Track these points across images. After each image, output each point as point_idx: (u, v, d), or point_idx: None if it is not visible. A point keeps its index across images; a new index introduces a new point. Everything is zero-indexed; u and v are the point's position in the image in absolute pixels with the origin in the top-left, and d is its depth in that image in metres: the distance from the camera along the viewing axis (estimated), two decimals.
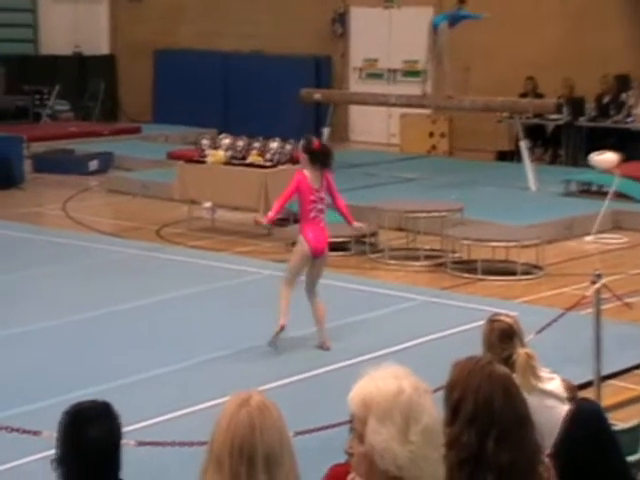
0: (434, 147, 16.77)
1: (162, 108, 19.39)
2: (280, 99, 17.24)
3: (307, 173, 7.21)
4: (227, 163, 11.36)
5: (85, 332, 7.56)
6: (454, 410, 2.51)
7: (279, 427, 2.23)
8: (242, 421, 2.19)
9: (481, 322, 4.34)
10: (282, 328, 7.05)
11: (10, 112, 18.35)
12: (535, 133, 15.20)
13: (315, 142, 7.43)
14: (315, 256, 7.20)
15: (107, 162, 15.27)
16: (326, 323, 7.25)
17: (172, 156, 14.13)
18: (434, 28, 13.43)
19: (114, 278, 9.26)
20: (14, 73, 18.83)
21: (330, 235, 10.50)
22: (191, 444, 4.23)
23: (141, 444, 3.66)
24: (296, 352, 7.14)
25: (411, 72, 17.48)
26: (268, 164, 11.21)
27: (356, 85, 18.12)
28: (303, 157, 7.31)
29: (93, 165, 15.12)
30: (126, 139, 17.31)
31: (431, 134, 16.78)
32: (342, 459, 2.64)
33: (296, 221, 11.33)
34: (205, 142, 11.64)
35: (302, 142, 7.46)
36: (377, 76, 18.20)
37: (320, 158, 7.23)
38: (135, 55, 19.84)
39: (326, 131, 14.26)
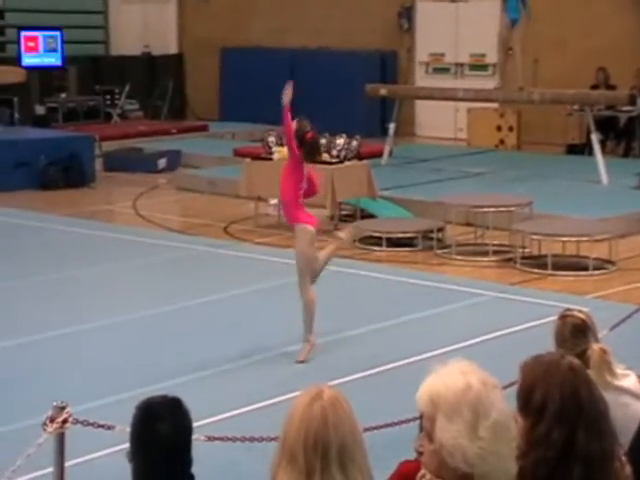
0: (502, 141, 16.59)
1: (229, 106, 19.54)
2: (346, 95, 17.24)
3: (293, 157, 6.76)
4: None
5: (156, 328, 7.66)
6: (539, 410, 2.47)
7: (351, 422, 2.23)
8: (315, 415, 2.20)
9: (552, 318, 4.27)
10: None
11: (82, 112, 18.71)
12: (607, 125, 14.92)
13: (309, 132, 6.88)
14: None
15: (175, 160, 15.45)
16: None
17: (239, 153, 14.21)
18: (512, 22, 13.21)
19: (182, 275, 9.36)
20: (86, 74, 19.19)
21: (396, 230, 10.50)
22: (261, 439, 4.25)
23: (211, 439, 3.69)
24: (362, 348, 7.12)
25: (478, 66, 17.32)
26: (334, 160, 11.21)
27: (422, 80, 18.01)
28: (295, 143, 6.74)
29: (162, 163, 15.31)
30: (194, 137, 17.49)
31: (499, 128, 16.60)
32: (409, 456, 2.62)
33: (363, 217, 11.36)
34: (271, 139, 11.69)
35: (296, 125, 6.89)
36: (444, 70, 18.07)
37: (310, 151, 6.81)
38: (203, 53, 20.04)
39: (392, 126, 14.20)
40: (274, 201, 11.72)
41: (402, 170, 13.80)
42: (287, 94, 7.15)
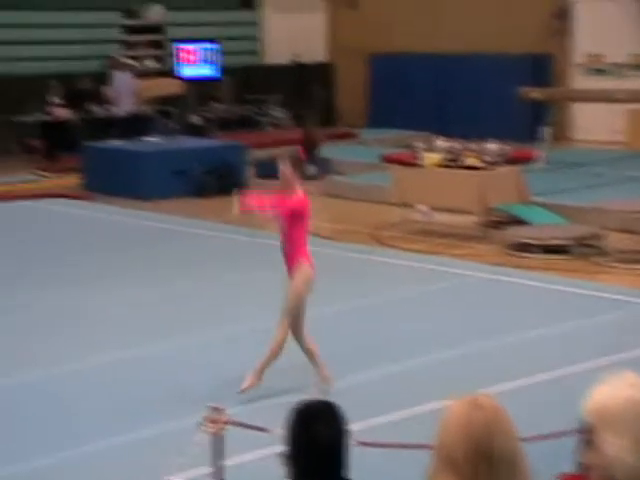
0: None
1: (377, 112, 19.59)
2: (495, 99, 16.96)
3: (298, 192, 6.18)
4: (443, 166, 11.29)
5: (310, 330, 7.72)
6: None
7: (512, 431, 2.18)
8: (478, 424, 2.15)
9: None
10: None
11: (236, 121, 19.19)
12: None
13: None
14: None
15: (325, 167, 15.59)
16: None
17: (387, 159, 14.20)
18: None
19: (330, 280, 9.41)
20: (239, 83, 19.68)
21: (550, 237, 10.23)
22: (412, 446, 4.21)
23: (362, 444, 3.69)
24: (514, 356, 6.97)
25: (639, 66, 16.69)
26: (485, 166, 11.04)
27: (577, 81, 17.52)
28: (291, 173, 6.21)
29: (311, 170, 15.48)
30: (342, 144, 17.61)
31: None
32: (564, 469, 2.53)
33: (511, 223, 11.13)
34: (420, 145, 11.63)
35: (291, 157, 6.32)
36: (601, 71, 17.52)
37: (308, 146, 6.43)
38: (351, 61, 20.17)
39: (547, 130, 13.85)
40: (423, 207, 11.65)
41: (557, 175, 13.45)
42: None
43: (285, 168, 6.20)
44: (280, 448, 2.77)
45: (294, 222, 6.06)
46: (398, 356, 7.04)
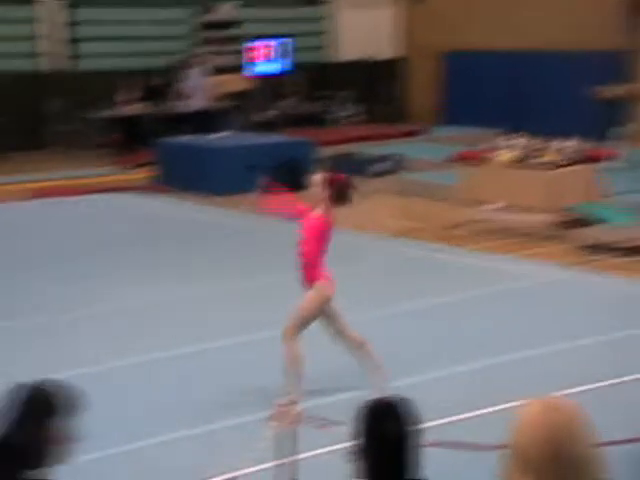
0: None
1: (450, 109, 19.45)
2: (570, 96, 16.69)
3: (325, 211, 5.96)
4: (515, 164, 11.17)
5: (377, 329, 7.72)
6: None
7: (588, 434, 2.15)
8: (557, 427, 2.13)
9: None
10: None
11: (305, 117, 19.26)
12: None
13: (341, 176, 6.17)
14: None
15: (395, 164, 15.55)
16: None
17: (459, 157, 14.10)
18: None
19: (400, 278, 9.40)
20: (310, 80, 19.74)
21: (625, 238, 10.02)
22: (483, 447, 4.18)
23: (434, 444, 3.67)
24: (590, 359, 6.86)
25: None
26: (559, 164, 10.89)
27: None
28: (325, 192, 5.92)
29: (381, 167, 15.47)
30: (414, 141, 17.53)
31: None
32: None
33: (584, 222, 10.93)
34: (493, 143, 11.52)
35: (326, 175, 6.04)
36: None
37: (339, 195, 6.01)
38: (424, 58, 20.06)
39: (627, 128, 13.56)
40: (494, 205, 11.54)
41: (636, 174, 13.18)
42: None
43: (318, 183, 5.95)
44: (350, 444, 2.78)
45: (315, 240, 5.93)
46: (467, 356, 7.00)
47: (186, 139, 15.32)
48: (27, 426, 2.84)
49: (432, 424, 5.24)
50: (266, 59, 18.36)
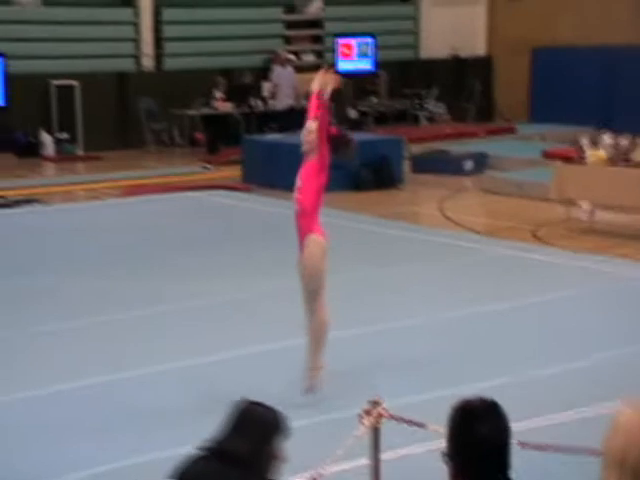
0: None
1: (538, 106, 19.12)
2: None
3: (319, 159, 5.85)
4: (606, 162, 10.89)
5: (468, 327, 7.63)
6: None
7: None
8: None
9: None
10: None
11: (392, 115, 19.18)
12: None
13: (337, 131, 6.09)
14: None
15: (482, 162, 15.36)
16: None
17: (548, 155, 13.86)
18: None
19: (488, 277, 9.26)
20: (396, 78, 19.65)
21: None
22: (575, 450, 4.06)
23: (524, 446, 3.58)
24: None
25: None
26: None
27: None
28: (319, 139, 5.78)
29: (468, 165, 15.29)
30: (501, 139, 17.31)
31: None
32: None
33: None
34: (584, 141, 11.26)
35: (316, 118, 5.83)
36: None
37: (338, 148, 5.97)
38: (512, 54, 19.77)
39: None
40: (586, 205, 11.28)
41: None
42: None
43: (313, 130, 5.78)
44: (435, 443, 2.72)
45: (311, 188, 5.76)
46: (560, 356, 6.85)
47: (272, 137, 15.41)
48: (252, 440, 2.99)
49: (527, 424, 5.14)
50: (353, 57, 18.33)
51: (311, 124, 5.81)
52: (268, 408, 3.09)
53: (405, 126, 18.60)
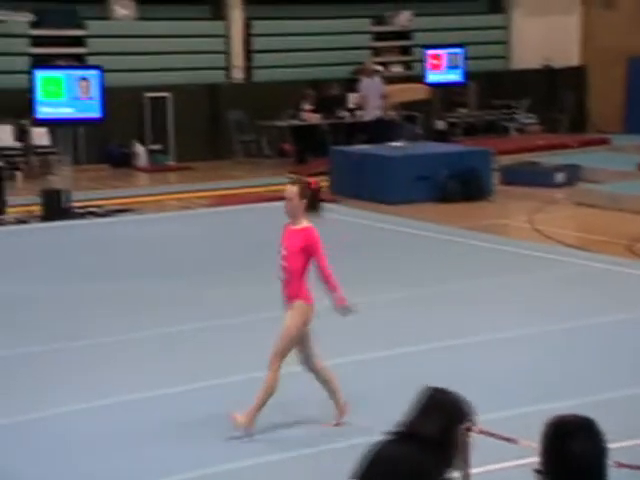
0: None
1: (634, 117, 18.65)
2: None
3: (308, 223, 5.79)
4: None
5: (557, 342, 7.45)
6: None
7: None
8: None
9: None
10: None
11: (481, 126, 18.96)
12: None
13: (313, 183, 5.95)
14: None
15: (574, 174, 15.04)
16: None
17: None
18: None
19: (580, 291, 9.04)
20: (485, 89, 19.43)
21: None
22: None
23: (621, 466, 3.45)
24: None
25: None
26: None
27: None
28: (301, 201, 5.78)
29: (560, 177, 14.99)
30: (594, 150, 16.93)
31: None
32: None
33: None
34: None
35: (297, 181, 5.94)
36: None
37: (315, 204, 5.83)
38: (606, 64, 19.34)
39: None
40: None
41: None
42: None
43: (295, 194, 5.80)
44: (536, 461, 2.64)
45: (298, 255, 5.69)
46: None
47: (360, 148, 15.40)
48: (441, 423, 3.07)
49: (624, 444, 4.97)
50: (442, 68, 18.20)
51: (292, 188, 5.76)
52: (455, 394, 3.15)
53: (494, 137, 18.36)
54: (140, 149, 17.27)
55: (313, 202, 5.84)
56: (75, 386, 6.68)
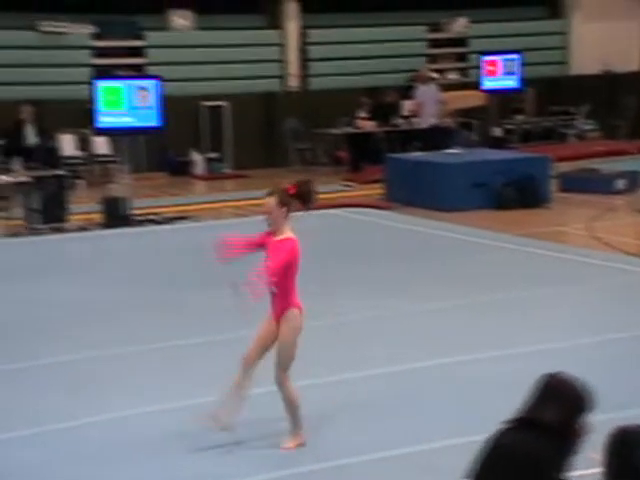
0: None
1: None
2: None
3: (290, 234, 5.65)
4: None
5: (612, 352, 7.34)
6: None
7: None
8: None
9: None
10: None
11: (538, 133, 18.78)
12: None
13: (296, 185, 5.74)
14: None
15: (634, 181, 14.81)
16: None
17: None
18: None
19: (638, 300, 8.88)
20: (543, 95, 19.24)
21: None
22: None
23: None
24: None
25: None
26: None
27: None
28: (281, 210, 5.61)
29: (620, 184, 14.77)
30: None
31: None
32: None
33: None
34: None
35: (273, 192, 5.67)
36: None
37: (310, 200, 5.66)
38: None
39: None
40: None
41: None
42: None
43: (272, 207, 5.64)
44: (601, 471, 2.61)
45: (283, 268, 5.56)
46: None
47: (416, 156, 15.35)
48: (563, 410, 3.06)
49: None
50: (498, 75, 18.08)
51: (269, 201, 5.65)
52: (577, 382, 3.14)
53: (552, 144, 18.16)
54: (197, 157, 17.45)
55: (307, 203, 5.73)
56: (147, 387, 6.76)
